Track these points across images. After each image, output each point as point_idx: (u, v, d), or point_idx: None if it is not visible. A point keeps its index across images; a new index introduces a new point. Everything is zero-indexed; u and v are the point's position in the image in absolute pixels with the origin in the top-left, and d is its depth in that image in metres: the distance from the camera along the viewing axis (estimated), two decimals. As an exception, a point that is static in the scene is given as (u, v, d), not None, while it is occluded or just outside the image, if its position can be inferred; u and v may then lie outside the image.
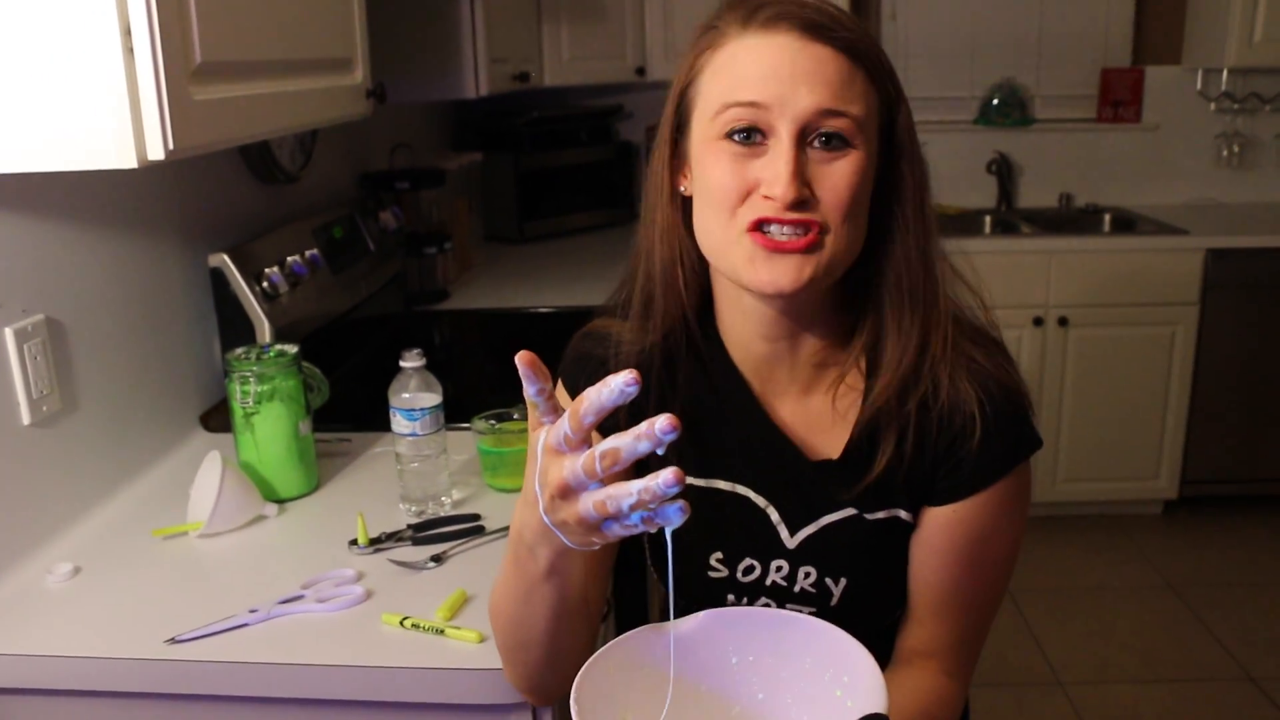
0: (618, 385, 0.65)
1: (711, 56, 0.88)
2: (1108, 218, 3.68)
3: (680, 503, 0.65)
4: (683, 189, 0.94)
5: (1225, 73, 3.62)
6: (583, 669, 0.72)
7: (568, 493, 0.70)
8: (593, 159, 3.47)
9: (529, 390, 0.72)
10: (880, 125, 0.88)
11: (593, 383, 0.99)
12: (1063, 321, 3.27)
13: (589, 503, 0.69)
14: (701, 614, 0.79)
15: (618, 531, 0.70)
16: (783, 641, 0.77)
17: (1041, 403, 3.35)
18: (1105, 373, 3.32)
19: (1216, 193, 3.77)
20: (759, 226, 0.85)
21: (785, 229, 0.84)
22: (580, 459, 0.68)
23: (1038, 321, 3.27)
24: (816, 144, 0.85)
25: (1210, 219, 3.48)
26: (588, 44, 3.14)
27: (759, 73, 0.84)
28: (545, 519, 0.73)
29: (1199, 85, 3.68)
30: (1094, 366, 3.32)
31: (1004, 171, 3.76)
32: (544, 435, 0.72)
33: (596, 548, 0.74)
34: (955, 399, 0.91)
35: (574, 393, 1.01)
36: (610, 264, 2.82)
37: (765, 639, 0.78)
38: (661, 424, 0.63)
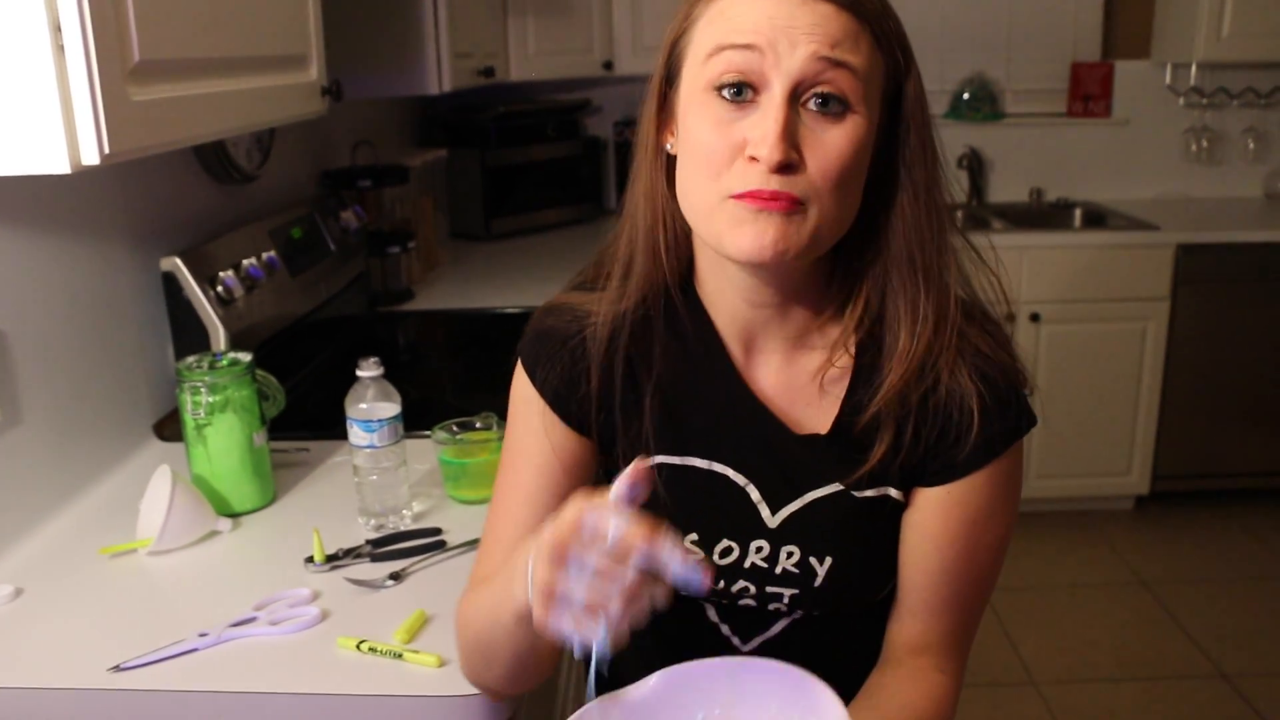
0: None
1: (706, 7, 0.84)
2: (1078, 213, 3.67)
3: (697, 567, 0.68)
4: (668, 147, 0.89)
5: (1194, 67, 3.62)
6: None
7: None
8: (560, 154, 3.42)
9: (625, 493, 0.71)
10: (885, 93, 0.84)
11: (553, 361, 0.96)
12: (1034, 317, 3.26)
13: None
14: (653, 677, 0.76)
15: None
16: (743, 690, 0.74)
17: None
18: (1077, 368, 3.31)
19: (1186, 187, 3.77)
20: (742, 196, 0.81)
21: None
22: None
23: (1009, 318, 3.25)
24: (812, 104, 0.80)
25: (1180, 214, 3.48)
26: (554, 38, 3.09)
27: (755, 19, 0.79)
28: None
29: (1168, 79, 3.68)
30: (1066, 362, 3.31)
31: (975, 166, 3.75)
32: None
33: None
34: (955, 392, 0.88)
35: (532, 371, 0.97)
36: (579, 261, 2.77)
37: (725, 690, 0.75)
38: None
